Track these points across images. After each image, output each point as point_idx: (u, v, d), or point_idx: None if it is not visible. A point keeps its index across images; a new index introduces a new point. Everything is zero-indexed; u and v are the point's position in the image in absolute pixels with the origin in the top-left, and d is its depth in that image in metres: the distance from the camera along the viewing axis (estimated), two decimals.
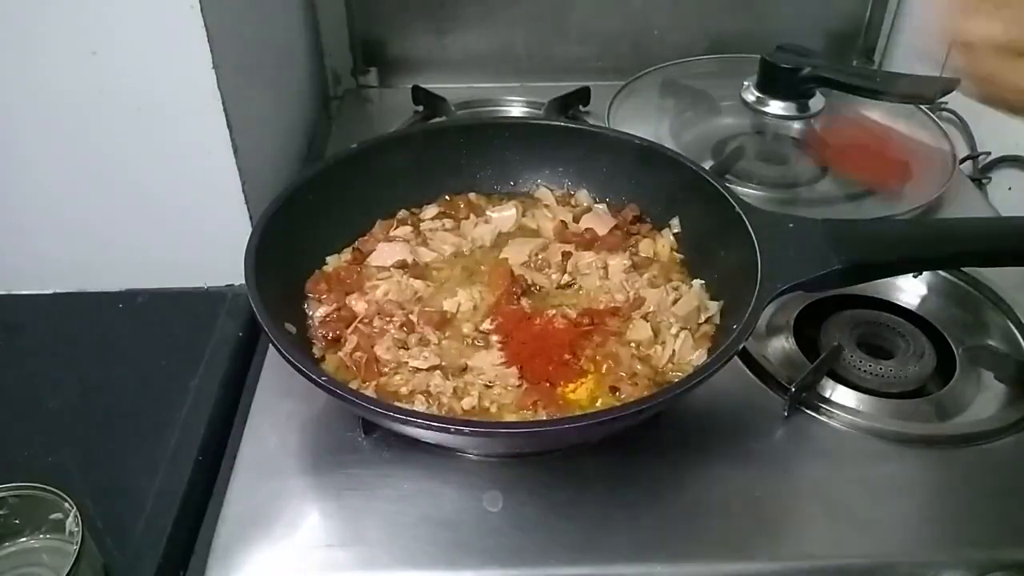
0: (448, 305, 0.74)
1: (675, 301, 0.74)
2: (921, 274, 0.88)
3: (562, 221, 0.84)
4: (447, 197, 0.87)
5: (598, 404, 0.66)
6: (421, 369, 0.68)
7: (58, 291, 0.89)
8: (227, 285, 0.89)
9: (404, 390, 0.67)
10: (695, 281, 0.77)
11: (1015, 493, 0.68)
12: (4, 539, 0.62)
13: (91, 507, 0.64)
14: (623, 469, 0.69)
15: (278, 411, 0.73)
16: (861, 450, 0.71)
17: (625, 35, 1.23)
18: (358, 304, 0.74)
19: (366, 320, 0.72)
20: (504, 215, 0.85)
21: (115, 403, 0.77)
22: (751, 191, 0.98)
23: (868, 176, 1.03)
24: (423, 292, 0.76)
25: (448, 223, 0.85)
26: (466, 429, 0.59)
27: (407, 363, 0.69)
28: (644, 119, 1.09)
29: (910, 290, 0.89)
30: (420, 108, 1.17)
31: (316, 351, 0.71)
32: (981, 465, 0.70)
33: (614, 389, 0.67)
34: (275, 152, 0.98)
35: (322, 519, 0.65)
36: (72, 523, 0.59)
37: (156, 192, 0.82)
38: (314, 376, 0.59)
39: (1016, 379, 0.77)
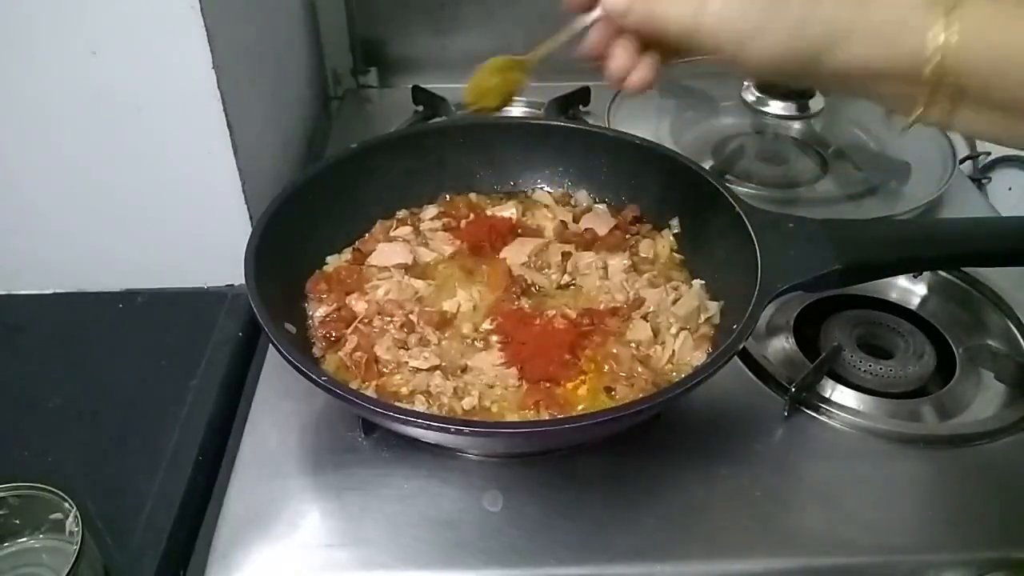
0: (448, 305, 0.74)
1: (675, 301, 0.74)
2: (921, 274, 0.88)
3: (562, 221, 0.84)
4: (447, 197, 0.87)
5: (598, 404, 0.66)
6: (421, 369, 0.68)
7: (58, 291, 0.89)
8: (227, 285, 0.89)
9: (404, 390, 0.67)
10: (695, 281, 0.77)
11: (1015, 493, 0.68)
12: (4, 539, 0.62)
13: (91, 507, 0.64)
14: (623, 469, 0.69)
15: (278, 411, 0.73)
16: (861, 450, 0.71)
17: None
18: (358, 304, 0.74)
19: (366, 320, 0.72)
20: (504, 215, 0.85)
21: (115, 403, 0.77)
22: (751, 191, 0.98)
23: None
24: (423, 292, 0.76)
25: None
26: (466, 429, 0.59)
27: (407, 363, 0.68)
28: (644, 119, 1.09)
29: (910, 290, 0.89)
30: (420, 108, 1.17)
31: (316, 351, 0.71)
32: (981, 465, 0.70)
33: (613, 389, 0.67)
34: (275, 152, 0.98)
35: (322, 519, 0.65)
36: (72, 523, 0.59)
37: (156, 192, 0.82)
38: (314, 376, 0.59)
39: (1016, 379, 0.77)
